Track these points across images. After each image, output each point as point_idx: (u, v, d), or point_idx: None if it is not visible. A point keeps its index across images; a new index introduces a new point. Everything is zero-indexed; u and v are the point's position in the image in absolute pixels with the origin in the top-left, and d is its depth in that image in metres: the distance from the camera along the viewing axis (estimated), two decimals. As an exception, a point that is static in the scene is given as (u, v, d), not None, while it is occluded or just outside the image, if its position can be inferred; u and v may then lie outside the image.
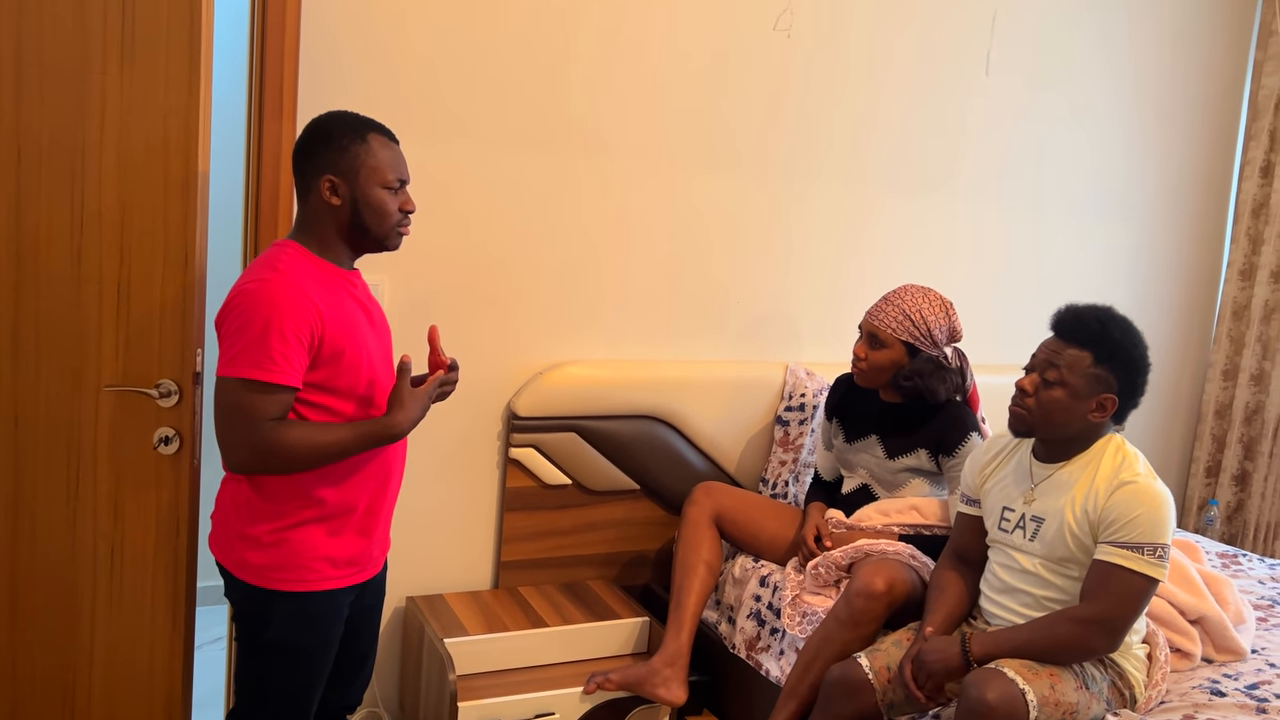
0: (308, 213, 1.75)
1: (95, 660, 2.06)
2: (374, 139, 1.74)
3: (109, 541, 2.03)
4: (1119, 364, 1.92)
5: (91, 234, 1.93)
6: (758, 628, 2.49)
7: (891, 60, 3.07)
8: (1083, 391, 1.92)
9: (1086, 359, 1.92)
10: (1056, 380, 1.93)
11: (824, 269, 3.09)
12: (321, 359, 1.68)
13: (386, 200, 1.75)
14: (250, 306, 1.62)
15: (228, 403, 1.63)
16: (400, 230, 1.79)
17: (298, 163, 1.76)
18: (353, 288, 1.80)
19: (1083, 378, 1.91)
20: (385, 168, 1.74)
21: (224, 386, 1.64)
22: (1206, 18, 3.66)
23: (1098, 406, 1.93)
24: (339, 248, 1.77)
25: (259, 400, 1.62)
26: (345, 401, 1.74)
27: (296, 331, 1.63)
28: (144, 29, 1.91)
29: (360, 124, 1.74)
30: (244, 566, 1.74)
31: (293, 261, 1.70)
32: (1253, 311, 3.78)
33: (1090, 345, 1.92)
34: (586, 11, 2.63)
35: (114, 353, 1.98)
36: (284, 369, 1.62)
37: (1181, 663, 2.17)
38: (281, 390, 1.63)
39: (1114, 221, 3.62)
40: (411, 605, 2.57)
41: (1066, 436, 1.97)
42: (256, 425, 1.62)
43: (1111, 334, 1.92)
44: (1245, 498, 3.84)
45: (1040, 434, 2.00)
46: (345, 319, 1.72)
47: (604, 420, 2.75)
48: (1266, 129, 3.74)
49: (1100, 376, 1.92)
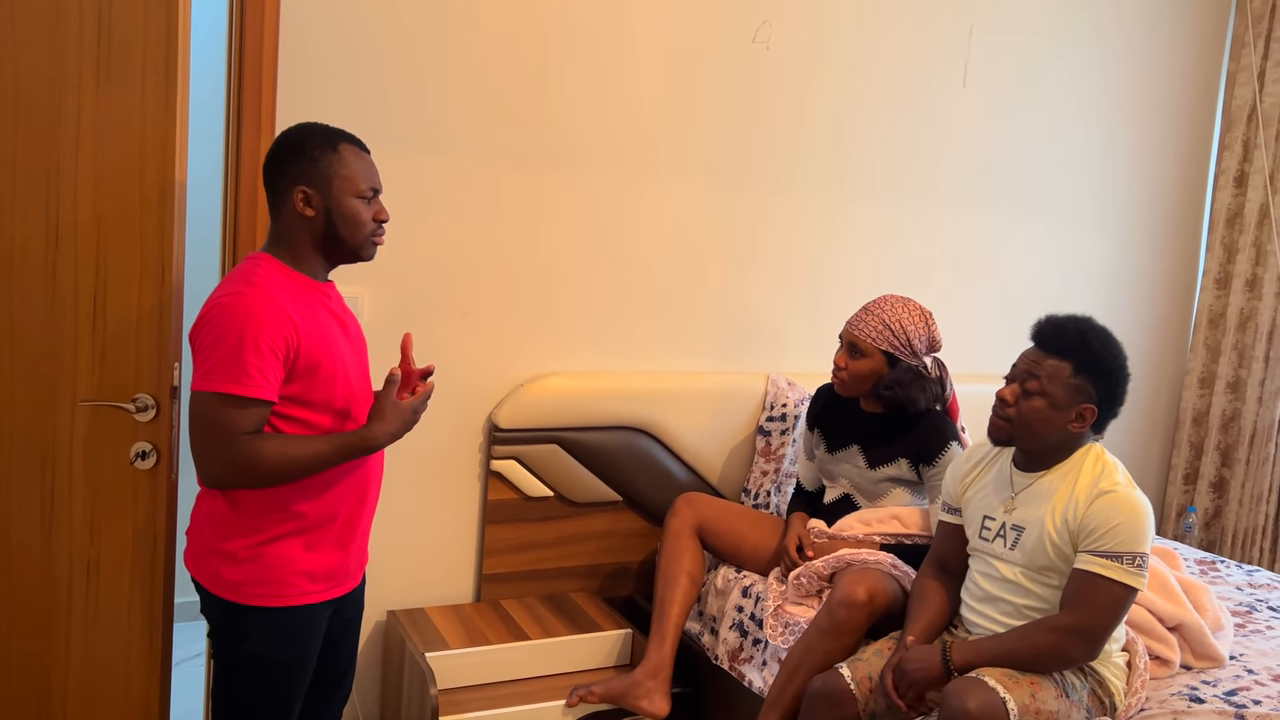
0: (281, 225, 1.75)
1: (71, 678, 2.03)
2: (345, 149, 1.74)
3: (85, 558, 2.01)
4: (1098, 374, 1.93)
5: (67, 247, 1.92)
6: (740, 638, 2.49)
7: (869, 71, 3.09)
8: (1062, 402, 1.93)
9: (1066, 369, 1.93)
10: (1037, 390, 1.94)
11: (804, 279, 3.10)
12: (297, 372, 1.68)
13: (360, 210, 1.75)
14: (224, 320, 1.62)
15: (203, 417, 1.62)
16: (374, 240, 1.79)
17: (269, 176, 1.75)
18: (328, 300, 1.79)
19: (1063, 388, 1.93)
20: (358, 177, 1.74)
21: (199, 401, 1.63)
22: (1180, 30, 3.71)
23: (1077, 416, 1.94)
24: (313, 260, 1.77)
25: (234, 414, 1.61)
26: (321, 414, 1.73)
27: (271, 345, 1.62)
28: (120, 41, 1.90)
29: (331, 134, 1.74)
30: (219, 582, 1.73)
31: (267, 275, 1.69)
32: (1228, 320, 3.82)
33: (1070, 355, 1.93)
34: (565, 23, 2.63)
35: (90, 367, 1.96)
36: (259, 383, 1.61)
37: (1160, 670, 2.19)
38: (257, 404, 1.63)
39: (1091, 231, 3.65)
40: (392, 619, 2.56)
41: (1046, 446, 1.99)
42: (232, 439, 1.61)
43: (1091, 344, 1.93)
44: (1223, 504, 3.87)
45: (1020, 444, 2.01)
46: (320, 332, 1.72)
47: (586, 432, 2.75)
48: (1240, 139, 3.78)
49: (1080, 387, 1.93)
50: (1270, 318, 3.70)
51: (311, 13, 2.34)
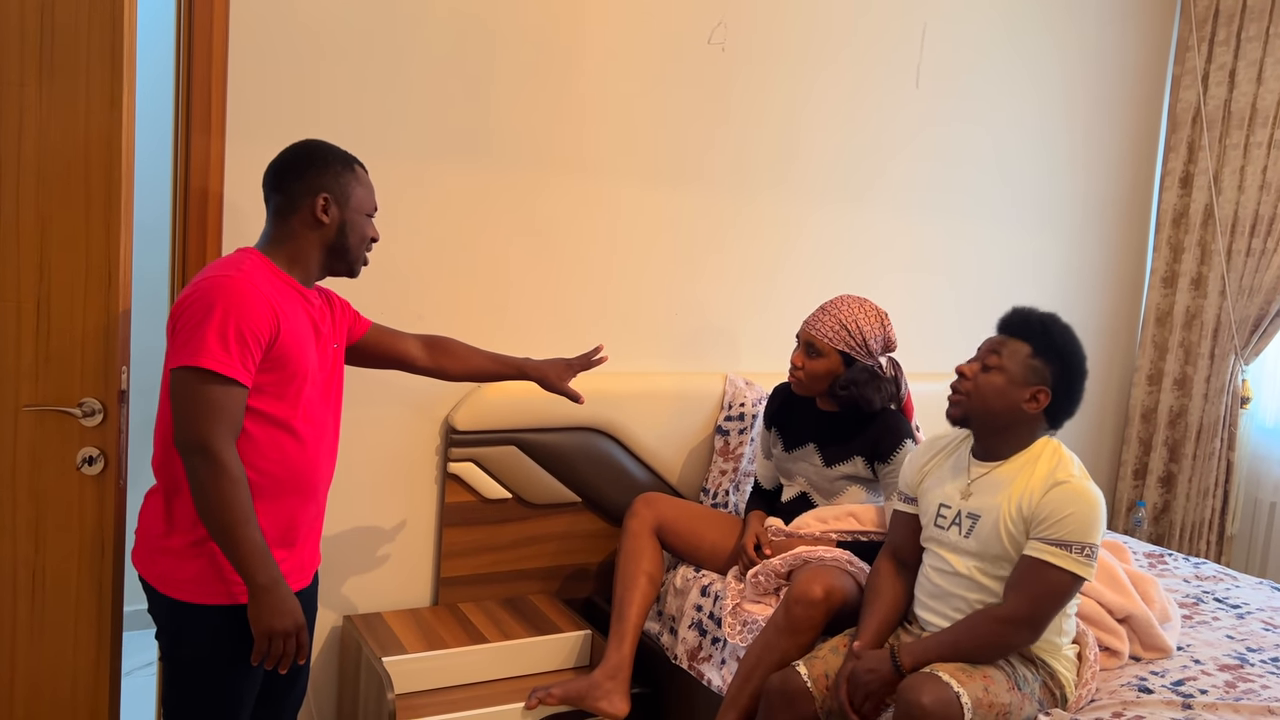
0: (284, 228, 1.80)
1: (17, 690, 1.99)
2: (359, 170, 1.87)
3: (29, 567, 1.96)
4: (1056, 360, 2.00)
5: (9, 249, 1.87)
6: (699, 638, 2.50)
7: (824, 73, 3.11)
8: (1019, 379, 1.99)
9: (1026, 349, 2.00)
10: (995, 365, 2.01)
11: (760, 279, 3.12)
12: (270, 360, 1.71)
13: (367, 228, 1.87)
14: (209, 299, 1.65)
15: (183, 394, 1.64)
16: (365, 257, 1.90)
17: (281, 181, 1.81)
18: (310, 306, 1.84)
19: (1021, 366, 2.00)
20: (368, 199, 1.88)
21: (179, 378, 1.65)
22: (1128, 34, 3.78)
23: (1032, 397, 2.00)
24: (309, 265, 1.83)
25: (212, 391, 1.64)
26: (281, 408, 1.74)
27: (254, 330, 1.66)
28: (63, 40, 1.86)
29: (347, 155, 1.86)
30: (165, 580, 1.72)
31: (255, 266, 1.74)
32: (1175, 318, 3.90)
33: (1030, 339, 2.01)
34: (516, 24, 2.62)
35: (33, 371, 1.92)
36: (237, 366, 1.65)
37: (1110, 661, 2.22)
38: (233, 385, 1.65)
39: (1041, 230, 3.71)
40: (349, 624, 2.53)
41: (1001, 426, 2.03)
42: (209, 414, 1.63)
43: (1052, 332, 2.01)
44: (1171, 499, 3.95)
45: (976, 421, 2.05)
46: (298, 330, 1.76)
47: (544, 433, 2.74)
48: (1185, 141, 3.87)
49: (1037, 369, 1.99)
50: (1214, 316, 3.78)
51: (261, 10, 2.31)
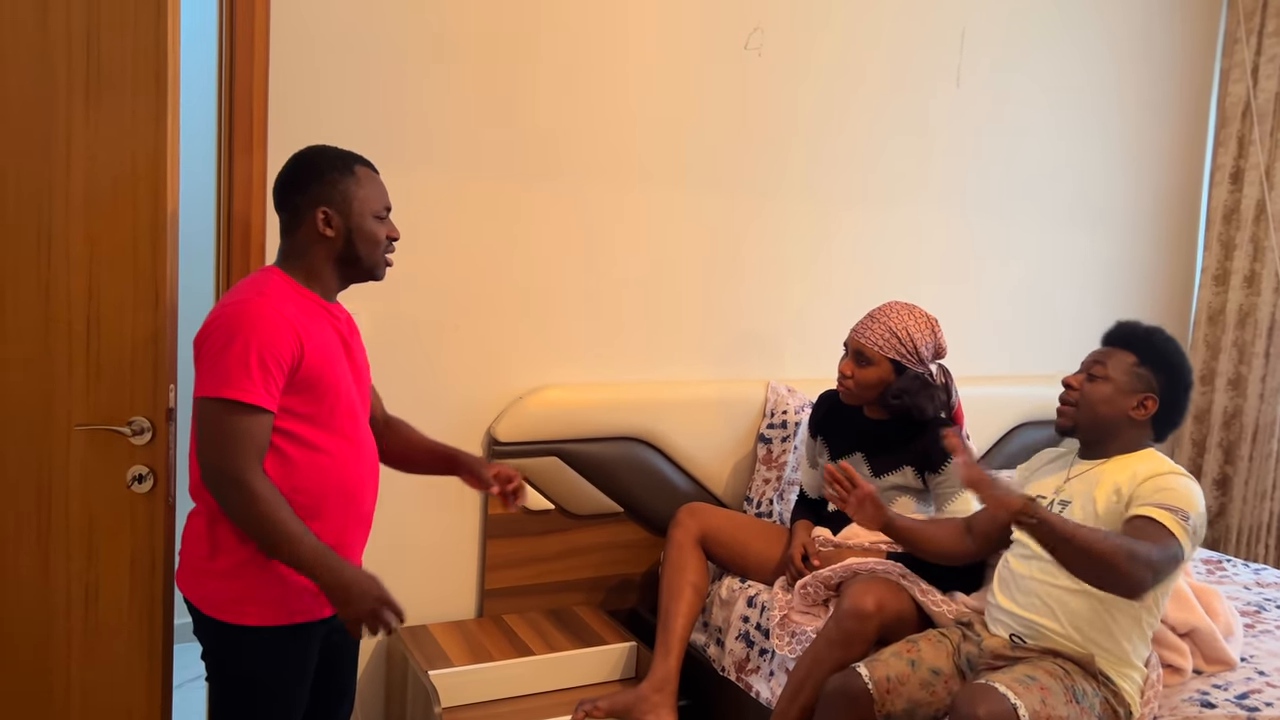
0: (295, 245, 1.78)
1: (72, 704, 2.01)
2: (360, 170, 1.79)
3: (83, 583, 1.99)
4: (1162, 369, 2.02)
5: (59, 271, 1.90)
6: (746, 649, 2.47)
7: (863, 76, 3.08)
8: (1125, 387, 2.02)
9: (1131, 358, 2.03)
10: (1102, 375, 2.03)
11: (801, 285, 3.09)
12: (297, 384, 1.68)
13: (377, 230, 1.80)
14: (230, 327, 1.63)
15: (208, 424, 1.63)
16: (386, 259, 1.83)
17: (284, 196, 1.78)
18: (335, 320, 1.81)
19: (1127, 374, 2.02)
20: (374, 198, 1.79)
21: (202, 407, 1.64)
22: (1173, 27, 3.70)
23: (1139, 404, 2.01)
24: (327, 278, 1.79)
25: (236, 420, 1.62)
26: (320, 432, 1.72)
27: (276, 355, 1.64)
28: (109, 64, 1.88)
29: (345, 157, 1.79)
30: (210, 601, 1.72)
31: (277, 288, 1.72)
32: (1227, 316, 3.81)
33: (1135, 349, 2.04)
34: (555, 34, 2.62)
35: (84, 391, 1.94)
36: (260, 392, 1.62)
37: (1173, 678, 2.16)
38: (258, 411, 1.63)
39: (1089, 230, 3.64)
40: (395, 638, 2.53)
41: (1109, 435, 2.04)
42: (234, 446, 1.61)
43: (1156, 342, 2.04)
44: (1227, 502, 3.86)
45: (1084, 429, 2.06)
46: (324, 348, 1.73)
47: (586, 443, 2.73)
48: (1234, 135, 3.78)
49: (1144, 376, 2.02)
50: (1269, 313, 3.69)
51: (301, 31, 2.33)
